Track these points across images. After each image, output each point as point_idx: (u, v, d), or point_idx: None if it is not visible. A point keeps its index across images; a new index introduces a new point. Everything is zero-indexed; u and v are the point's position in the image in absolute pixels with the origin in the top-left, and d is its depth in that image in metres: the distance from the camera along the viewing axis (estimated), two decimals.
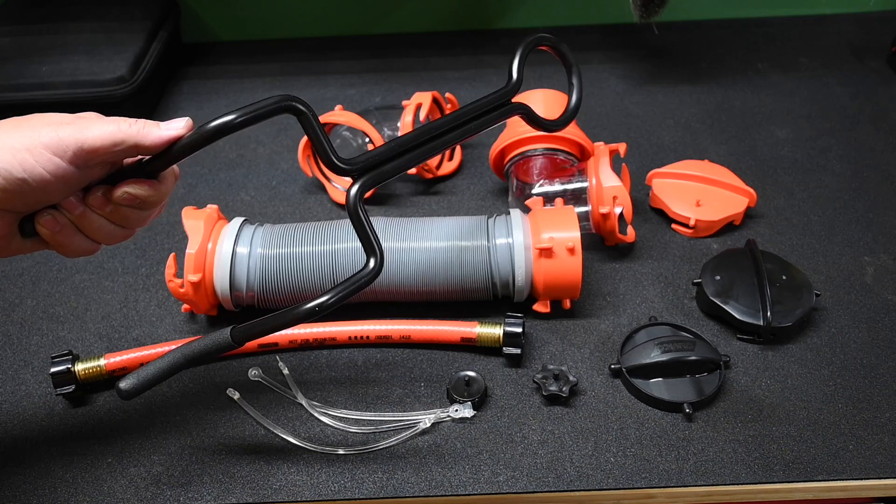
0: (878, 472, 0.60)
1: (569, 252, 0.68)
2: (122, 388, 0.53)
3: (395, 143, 0.57)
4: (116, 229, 0.53)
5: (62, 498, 0.61)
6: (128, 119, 0.49)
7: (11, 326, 0.75)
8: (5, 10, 1.10)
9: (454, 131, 0.59)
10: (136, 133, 0.48)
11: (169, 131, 0.49)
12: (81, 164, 0.48)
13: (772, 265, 0.72)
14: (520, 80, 0.62)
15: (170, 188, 0.53)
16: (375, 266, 0.54)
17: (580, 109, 0.67)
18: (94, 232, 0.52)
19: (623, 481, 0.60)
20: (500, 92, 0.62)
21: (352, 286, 0.52)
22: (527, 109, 0.64)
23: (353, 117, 0.84)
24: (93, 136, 0.47)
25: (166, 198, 0.54)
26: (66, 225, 0.51)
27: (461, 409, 0.65)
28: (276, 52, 1.20)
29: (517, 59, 0.63)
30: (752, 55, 1.13)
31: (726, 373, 0.67)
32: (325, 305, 0.51)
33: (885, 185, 0.88)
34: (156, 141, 0.49)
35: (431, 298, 0.72)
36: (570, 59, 0.67)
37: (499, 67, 1.13)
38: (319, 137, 0.53)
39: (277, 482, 0.61)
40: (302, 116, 0.51)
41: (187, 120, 0.50)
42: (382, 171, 0.56)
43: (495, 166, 0.85)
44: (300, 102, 0.51)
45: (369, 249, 0.54)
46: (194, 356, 0.54)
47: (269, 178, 0.93)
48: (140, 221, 0.54)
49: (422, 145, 0.58)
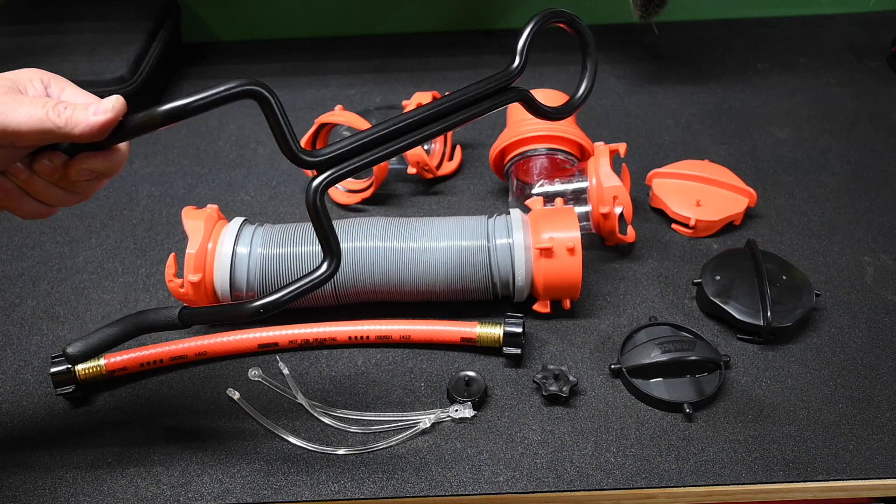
0: (878, 472, 0.60)
1: (569, 252, 0.68)
2: (69, 353, 0.54)
3: (365, 135, 0.52)
4: (68, 194, 0.51)
5: (62, 498, 0.61)
6: (59, 102, 0.47)
7: (11, 326, 0.75)
8: (5, 10, 1.10)
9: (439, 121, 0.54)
10: (63, 123, 0.46)
11: (98, 117, 0.46)
12: (6, 144, 0.46)
13: (772, 265, 0.72)
14: (524, 62, 0.56)
15: (125, 155, 0.51)
16: (330, 267, 0.51)
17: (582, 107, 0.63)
18: (43, 196, 0.51)
19: (623, 481, 0.60)
20: (499, 75, 0.56)
21: (302, 288, 0.51)
22: (527, 95, 0.58)
23: (353, 117, 0.84)
24: (16, 120, 0.45)
25: (122, 164, 0.51)
26: (11, 189, 0.50)
27: (461, 409, 0.65)
28: (276, 52, 1.20)
29: (524, 37, 0.56)
30: (752, 55, 1.13)
31: (726, 373, 0.67)
32: (270, 305, 0.50)
33: (885, 185, 0.88)
34: (86, 129, 0.46)
35: (431, 298, 0.72)
36: (588, 38, 0.59)
37: (499, 67, 1.12)
38: (281, 125, 0.49)
39: (277, 482, 0.61)
40: (263, 101, 0.48)
41: (116, 98, 0.47)
42: (350, 166, 0.52)
43: (495, 166, 0.85)
44: (262, 87, 0.47)
45: (326, 249, 0.51)
46: (143, 326, 0.55)
47: (269, 178, 0.93)
48: (93, 188, 0.52)
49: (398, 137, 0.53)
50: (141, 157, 0.98)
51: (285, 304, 0.50)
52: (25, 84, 0.49)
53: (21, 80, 0.49)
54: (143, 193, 0.92)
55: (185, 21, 1.19)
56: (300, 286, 0.51)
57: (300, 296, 0.51)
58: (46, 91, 0.50)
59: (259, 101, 0.48)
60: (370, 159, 0.52)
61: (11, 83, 0.48)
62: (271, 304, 0.50)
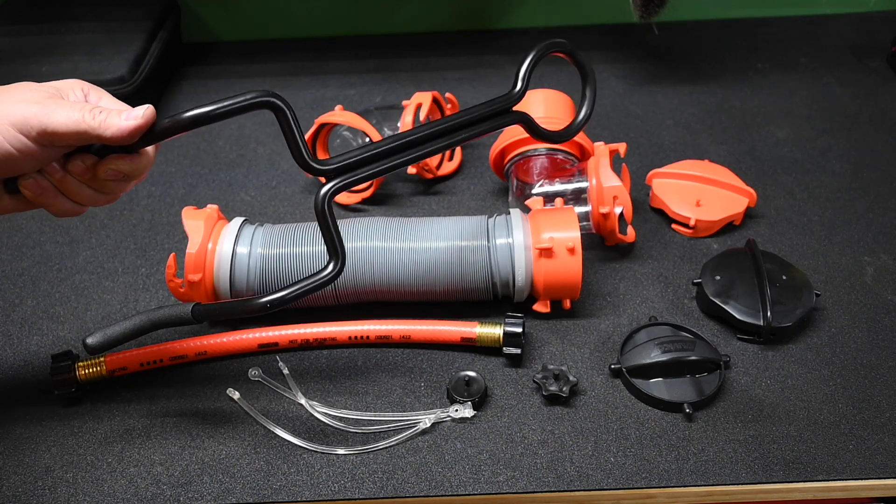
0: (878, 472, 0.60)
1: (569, 252, 0.68)
2: (88, 344, 0.57)
3: (374, 148, 0.57)
4: (98, 194, 0.55)
5: (62, 498, 0.61)
6: (95, 107, 0.51)
7: (11, 326, 0.75)
8: (5, 10, 1.10)
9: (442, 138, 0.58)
10: (98, 125, 0.50)
11: (129, 122, 0.50)
12: (46, 143, 0.50)
13: (772, 265, 0.72)
14: (524, 88, 0.61)
15: (151, 160, 0.55)
16: (336, 268, 0.55)
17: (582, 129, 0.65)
18: (75, 195, 0.54)
19: (623, 481, 0.60)
20: (501, 99, 0.60)
21: (309, 286, 0.55)
22: (527, 119, 0.62)
23: (353, 117, 0.84)
24: (56, 121, 0.49)
25: (148, 169, 0.55)
26: (47, 188, 0.53)
27: (461, 409, 0.65)
28: (276, 52, 1.20)
29: (526, 65, 0.60)
30: (752, 55, 1.13)
31: (726, 373, 0.67)
32: (277, 301, 0.54)
33: (885, 185, 0.88)
34: (117, 133, 0.50)
35: (431, 298, 0.72)
36: (587, 68, 0.64)
37: (499, 67, 1.13)
38: (295, 135, 0.53)
39: (277, 482, 0.61)
40: (280, 113, 0.52)
41: (147, 108, 0.51)
42: (358, 175, 0.56)
43: (495, 166, 0.85)
44: (279, 99, 0.51)
45: (332, 252, 0.56)
46: (159, 321, 0.58)
47: (269, 178, 0.93)
48: (121, 189, 0.56)
49: (405, 151, 0.58)
50: None
51: (291, 300, 0.55)
52: (67, 92, 0.53)
53: (63, 88, 0.53)
54: (143, 193, 0.92)
55: (185, 21, 1.19)
56: (306, 285, 0.55)
57: (305, 294, 0.55)
58: (86, 98, 0.54)
59: (275, 112, 0.52)
60: (376, 171, 0.57)
61: (55, 90, 0.53)
62: (278, 300, 0.54)
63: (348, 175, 0.56)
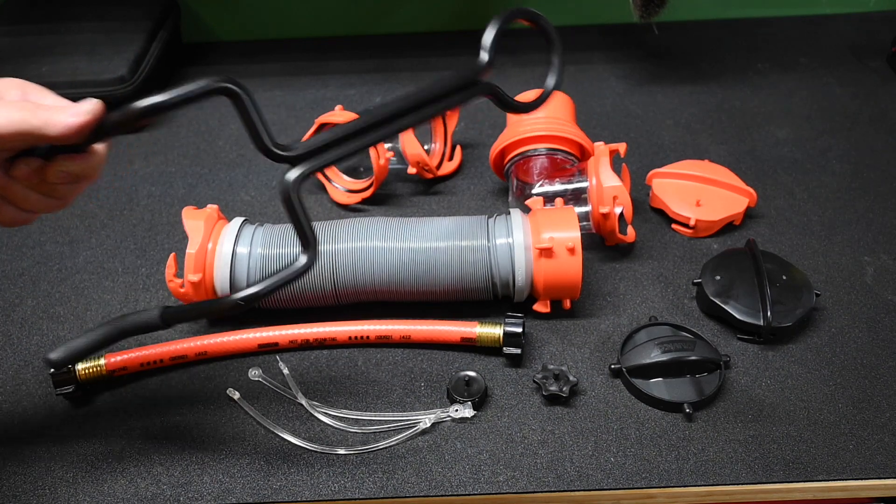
0: (878, 472, 0.60)
1: (569, 252, 0.68)
2: (51, 359, 0.52)
3: (339, 130, 0.54)
4: (48, 199, 0.52)
5: (62, 498, 0.61)
6: (37, 105, 0.47)
7: (11, 326, 0.76)
8: (5, 10, 1.11)
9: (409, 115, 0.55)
10: (41, 124, 0.46)
11: (76, 118, 0.47)
12: None
13: (772, 265, 0.72)
14: (492, 58, 0.58)
15: (103, 159, 0.51)
16: (308, 260, 0.52)
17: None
18: (22, 202, 0.51)
19: (623, 481, 0.60)
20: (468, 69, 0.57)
21: (281, 280, 0.51)
22: (494, 89, 0.60)
23: (353, 117, 0.84)
24: None
25: (101, 168, 0.52)
26: None
27: (461, 409, 0.65)
28: (276, 52, 1.20)
29: (490, 34, 0.58)
30: (752, 55, 1.13)
31: (726, 373, 0.67)
32: (250, 297, 0.51)
33: (885, 185, 0.88)
34: (63, 131, 0.47)
35: (431, 298, 0.72)
36: (552, 35, 0.61)
37: (499, 67, 1.12)
38: (253, 121, 0.50)
39: (277, 482, 0.61)
40: (235, 98, 0.48)
41: (94, 101, 0.48)
42: (323, 159, 0.53)
43: (495, 166, 0.85)
44: (235, 84, 0.48)
45: (304, 242, 0.52)
46: (126, 329, 0.54)
47: (269, 178, 0.93)
48: (73, 192, 0.52)
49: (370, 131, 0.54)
50: (141, 157, 0.98)
51: (265, 295, 0.51)
52: (3, 92, 0.49)
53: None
54: (143, 193, 0.92)
55: (185, 21, 1.19)
56: (279, 278, 0.51)
57: (279, 287, 0.51)
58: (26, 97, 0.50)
59: (231, 98, 0.48)
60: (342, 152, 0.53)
61: None
62: (250, 297, 0.51)
63: (316, 159, 0.52)
